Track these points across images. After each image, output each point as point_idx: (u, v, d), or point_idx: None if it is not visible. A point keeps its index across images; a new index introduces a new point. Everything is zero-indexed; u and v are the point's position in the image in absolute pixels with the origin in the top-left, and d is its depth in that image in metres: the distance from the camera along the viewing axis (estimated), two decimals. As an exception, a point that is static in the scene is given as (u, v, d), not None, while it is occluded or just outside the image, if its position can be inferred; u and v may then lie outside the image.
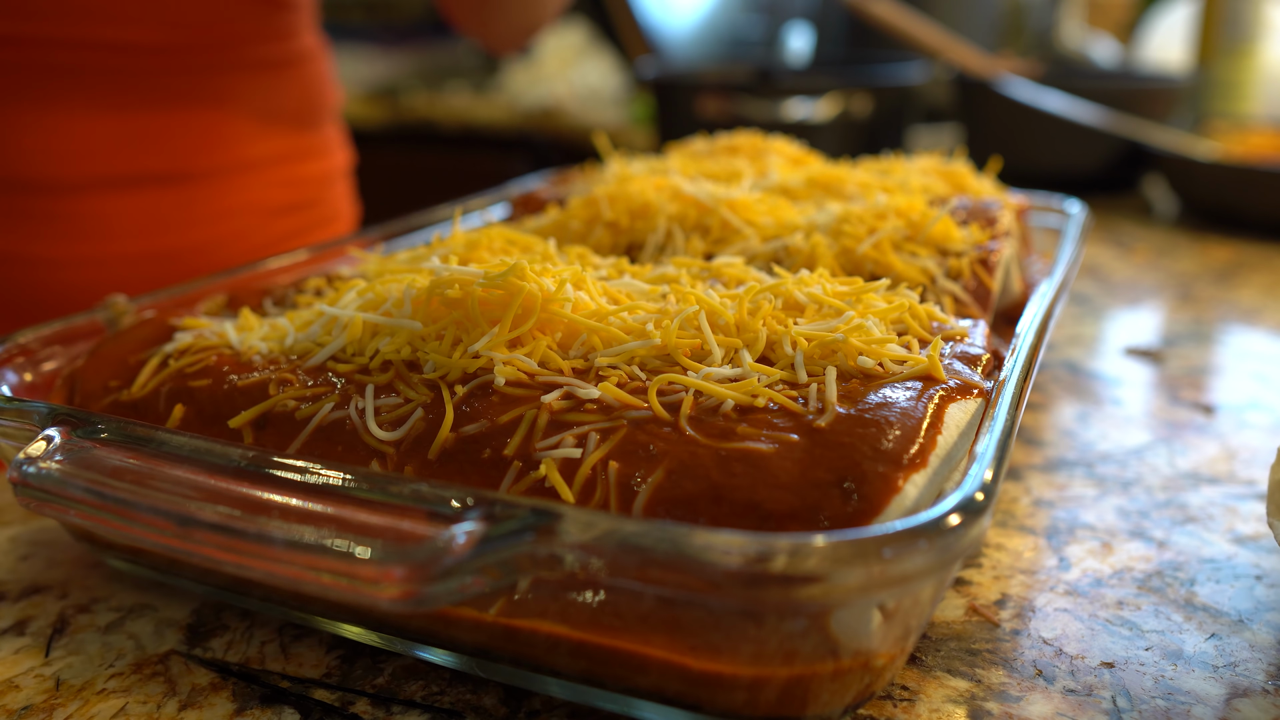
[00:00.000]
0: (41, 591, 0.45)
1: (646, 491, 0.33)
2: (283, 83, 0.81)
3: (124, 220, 0.73)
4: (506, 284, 0.41)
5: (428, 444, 0.37)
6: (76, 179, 0.71)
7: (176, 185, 0.75)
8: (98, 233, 0.72)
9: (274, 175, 0.82)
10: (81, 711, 0.37)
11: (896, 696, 0.37)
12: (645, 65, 1.73)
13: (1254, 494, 0.54)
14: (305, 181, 0.86)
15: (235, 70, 0.76)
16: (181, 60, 0.73)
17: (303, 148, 0.85)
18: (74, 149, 0.70)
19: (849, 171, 0.70)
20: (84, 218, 0.72)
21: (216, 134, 0.77)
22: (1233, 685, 0.38)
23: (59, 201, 0.71)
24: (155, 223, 0.75)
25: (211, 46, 0.74)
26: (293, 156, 0.84)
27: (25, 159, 0.69)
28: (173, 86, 0.73)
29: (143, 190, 0.74)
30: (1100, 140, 1.28)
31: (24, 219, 0.70)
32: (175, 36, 0.72)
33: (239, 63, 0.76)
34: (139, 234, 0.74)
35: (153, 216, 0.75)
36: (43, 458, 0.36)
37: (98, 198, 0.72)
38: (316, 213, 0.89)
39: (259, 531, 0.31)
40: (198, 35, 0.73)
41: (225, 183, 0.78)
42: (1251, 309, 0.88)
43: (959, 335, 0.44)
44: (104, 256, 0.73)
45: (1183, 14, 1.86)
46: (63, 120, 0.69)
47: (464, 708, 0.37)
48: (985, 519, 0.30)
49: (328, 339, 0.44)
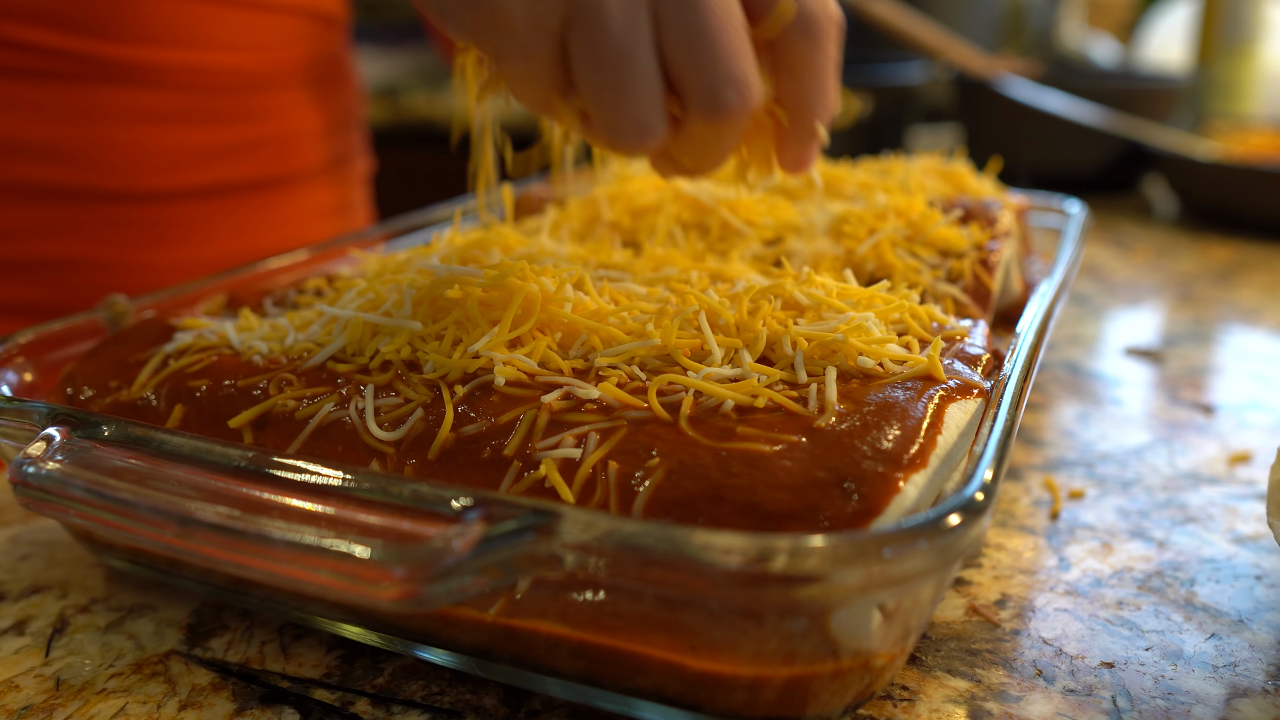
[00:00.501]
0: (41, 591, 0.45)
1: (646, 492, 0.33)
2: (332, 93, 0.89)
3: (210, 226, 0.80)
4: (506, 284, 0.41)
5: (428, 444, 0.37)
6: (170, 189, 0.77)
7: (255, 193, 0.83)
8: (187, 238, 0.79)
9: (326, 179, 0.90)
10: (81, 711, 0.37)
11: (896, 696, 0.37)
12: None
13: (1254, 494, 0.54)
14: (345, 184, 0.94)
15: (299, 86, 0.84)
16: (259, 79, 0.80)
17: (343, 153, 0.92)
18: (169, 161, 0.77)
19: (849, 171, 0.70)
20: (175, 225, 0.78)
21: (287, 144, 0.84)
22: (1233, 685, 0.38)
23: (154, 210, 0.77)
24: (236, 228, 0.82)
25: (281, 65, 0.82)
26: (339, 161, 0.92)
27: (126, 171, 0.75)
28: (252, 103, 0.81)
29: (227, 198, 0.81)
30: (1100, 140, 1.28)
31: (121, 227, 0.76)
32: (254, 59, 0.79)
33: (302, 79, 0.84)
34: (222, 239, 0.81)
35: (234, 222, 0.82)
36: (43, 458, 0.36)
37: (188, 206, 0.79)
38: (352, 216, 0.96)
39: (259, 531, 0.31)
40: (271, 56, 0.81)
41: (293, 189, 0.86)
42: (1251, 309, 0.88)
43: (959, 335, 0.44)
44: (190, 261, 0.78)
45: (1183, 14, 1.86)
46: (160, 135, 0.76)
47: (464, 708, 0.37)
48: (985, 519, 0.30)
49: (328, 339, 0.44)
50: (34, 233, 0.74)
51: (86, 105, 0.73)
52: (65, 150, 0.73)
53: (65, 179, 0.73)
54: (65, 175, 0.73)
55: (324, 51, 0.86)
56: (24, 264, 0.74)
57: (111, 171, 0.74)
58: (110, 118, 0.74)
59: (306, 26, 0.83)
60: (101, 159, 0.74)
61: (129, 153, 0.75)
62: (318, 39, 0.85)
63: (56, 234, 0.74)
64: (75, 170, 0.73)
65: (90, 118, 0.73)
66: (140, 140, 0.75)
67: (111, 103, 0.74)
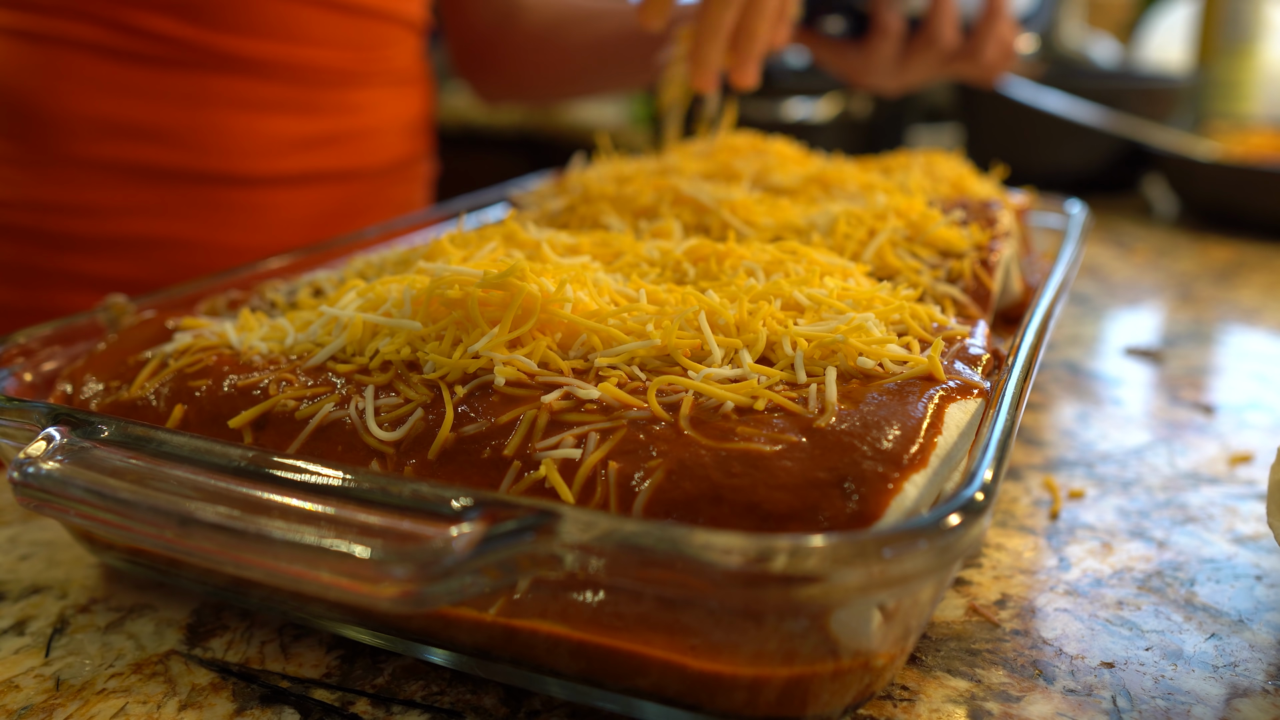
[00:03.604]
0: (41, 591, 0.45)
1: (646, 492, 0.33)
2: (412, 95, 0.94)
3: (297, 213, 0.84)
4: (506, 284, 0.41)
5: (428, 444, 0.37)
6: (264, 174, 0.81)
7: (338, 183, 0.87)
8: (275, 224, 0.83)
9: (398, 176, 0.94)
10: (81, 711, 0.37)
11: (896, 696, 0.37)
12: (645, 65, 1.73)
13: (1254, 494, 0.54)
14: (413, 183, 0.98)
15: (385, 85, 0.89)
16: (351, 76, 0.85)
17: (415, 153, 0.97)
18: (264, 147, 0.81)
19: (849, 168, 0.70)
20: (266, 209, 0.82)
21: (370, 139, 0.89)
22: (1233, 685, 0.38)
23: (247, 194, 0.81)
24: (322, 217, 0.86)
25: (371, 65, 0.87)
26: (411, 161, 0.96)
27: (224, 155, 0.79)
28: (343, 98, 0.85)
29: (315, 187, 0.85)
30: (1100, 140, 1.28)
31: (215, 209, 0.80)
32: (348, 56, 0.84)
33: (388, 79, 0.89)
34: (307, 226, 0.85)
35: (321, 211, 0.86)
36: (43, 458, 0.36)
37: (279, 192, 0.83)
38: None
39: (259, 531, 0.31)
40: (363, 55, 0.86)
41: (370, 183, 0.90)
42: (1251, 309, 0.88)
43: (959, 335, 0.44)
44: (276, 246, 0.80)
45: (1183, 14, 1.86)
46: (257, 122, 0.80)
47: (464, 708, 0.37)
48: (985, 519, 0.30)
49: (328, 339, 0.44)
50: (134, 211, 0.78)
51: (195, 91, 0.77)
52: (171, 133, 0.77)
53: (169, 160, 0.78)
54: (169, 157, 0.77)
55: (408, 55, 0.92)
56: (122, 240, 0.78)
57: (214, 154, 0.79)
58: (216, 104, 0.78)
59: (395, 31, 0.88)
60: (205, 142, 0.78)
61: (231, 138, 0.79)
62: (403, 42, 0.90)
63: (155, 213, 0.78)
64: (179, 152, 0.78)
65: (198, 103, 0.77)
66: (242, 126, 0.79)
67: (219, 90, 0.78)
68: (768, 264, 0.49)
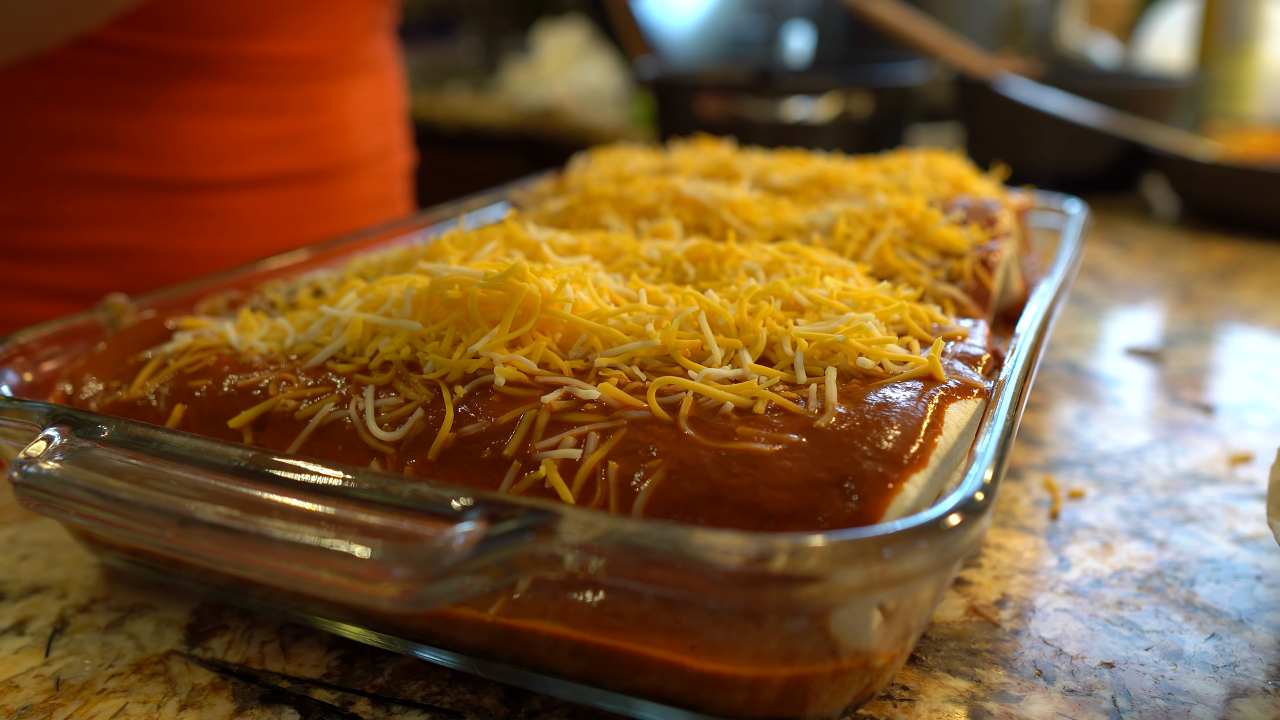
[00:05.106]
0: (41, 591, 0.45)
1: (646, 492, 0.33)
2: (379, 83, 0.91)
3: (262, 216, 0.82)
4: (506, 284, 0.41)
5: (428, 444, 0.37)
6: (225, 179, 0.79)
7: (306, 184, 0.84)
8: (239, 228, 0.81)
9: (371, 171, 0.91)
10: (81, 711, 0.37)
11: (896, 696, 0.37)
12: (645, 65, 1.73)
13: (1254, 494, 0.54)
14: (388, 177, 0.95)
15: (352, 74, 0.86)
16: (314, 68, 0.82)
17: (387, 145, 0.94)
18: (225, 151, 0.78)
19: (849, 169, 0.70)
20: (229, 214, 0.80)
21: (337, 134, 0.86)
22: (1233, 685, 0.38)
23: (209, 199, 0.79)
24: (288, 218, 0.84)
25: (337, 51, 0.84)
26: (383, 154, 0.93)
27: (180, 161, 0.77)
28: (306, 93, 0.82)
29: (279, 189, 0.83)
30: (1100, 140, 1.28)
31: (177, 216, 0.78)
32: (310, 45, 0.81)
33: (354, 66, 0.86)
34: (274, 229, 0.82)
35: (286, 213, 0.83)
36: (43, 458, 0.36)
37: (242, 196, 0.80)
38: (393, 209, 0.98)
39: (259, 531, 0.31)
40: (328, 44, 0.82)
41: (341, 180, 0.88)
42: (1251, 309, 0.88)
43: (959, 335, 0.44)
44: (241, 250, 0.79)
45: (1183, 14, 1.86)
46: (216, 125, 0.78)
47: (464, 708, 0.37)
48: (985, 519, 0.30)
49: (328, 339, 0.44)
50: (94, 221, 0.76)
51: (147, 98, 0.75)
52: (126, 141, 0.75)
53: (126, 169, 0.75)
54: (126, 165, 0.75)
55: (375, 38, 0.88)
56: (83, 251, 0.76)
57: (169, 161, 0.77)
58: (169, 109, 0.76)
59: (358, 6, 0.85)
60: (161, 149, 0.76)
61: (187, 143, 0.77)
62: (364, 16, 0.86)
63: (115, 222, 0.76)
64: (136, 160, 0.75)
65: (150, 109, 0.75)
66: (199, 131, 0.77)
67: (170, 95, 0.76)
68: (768, 264, 0.49)
